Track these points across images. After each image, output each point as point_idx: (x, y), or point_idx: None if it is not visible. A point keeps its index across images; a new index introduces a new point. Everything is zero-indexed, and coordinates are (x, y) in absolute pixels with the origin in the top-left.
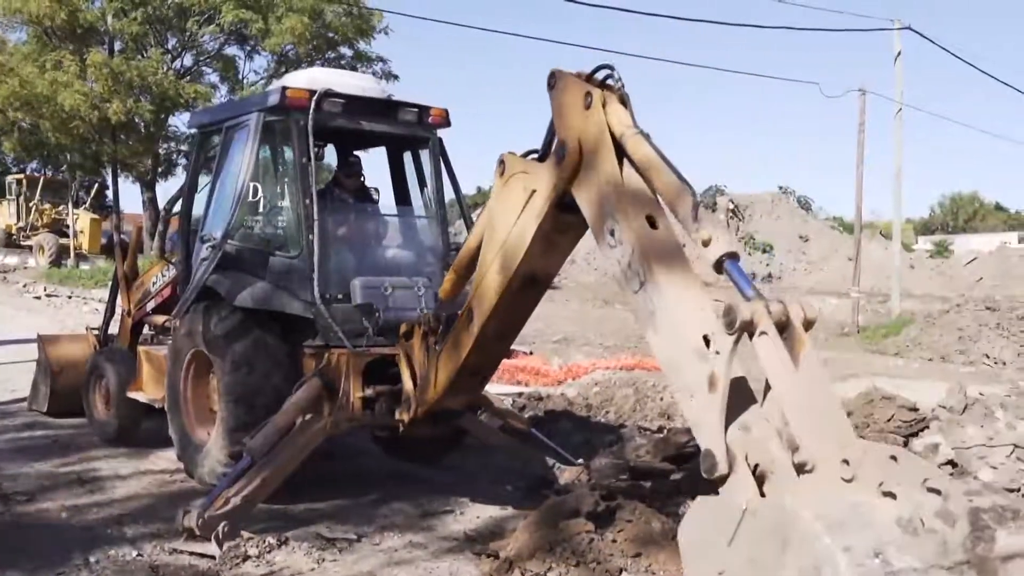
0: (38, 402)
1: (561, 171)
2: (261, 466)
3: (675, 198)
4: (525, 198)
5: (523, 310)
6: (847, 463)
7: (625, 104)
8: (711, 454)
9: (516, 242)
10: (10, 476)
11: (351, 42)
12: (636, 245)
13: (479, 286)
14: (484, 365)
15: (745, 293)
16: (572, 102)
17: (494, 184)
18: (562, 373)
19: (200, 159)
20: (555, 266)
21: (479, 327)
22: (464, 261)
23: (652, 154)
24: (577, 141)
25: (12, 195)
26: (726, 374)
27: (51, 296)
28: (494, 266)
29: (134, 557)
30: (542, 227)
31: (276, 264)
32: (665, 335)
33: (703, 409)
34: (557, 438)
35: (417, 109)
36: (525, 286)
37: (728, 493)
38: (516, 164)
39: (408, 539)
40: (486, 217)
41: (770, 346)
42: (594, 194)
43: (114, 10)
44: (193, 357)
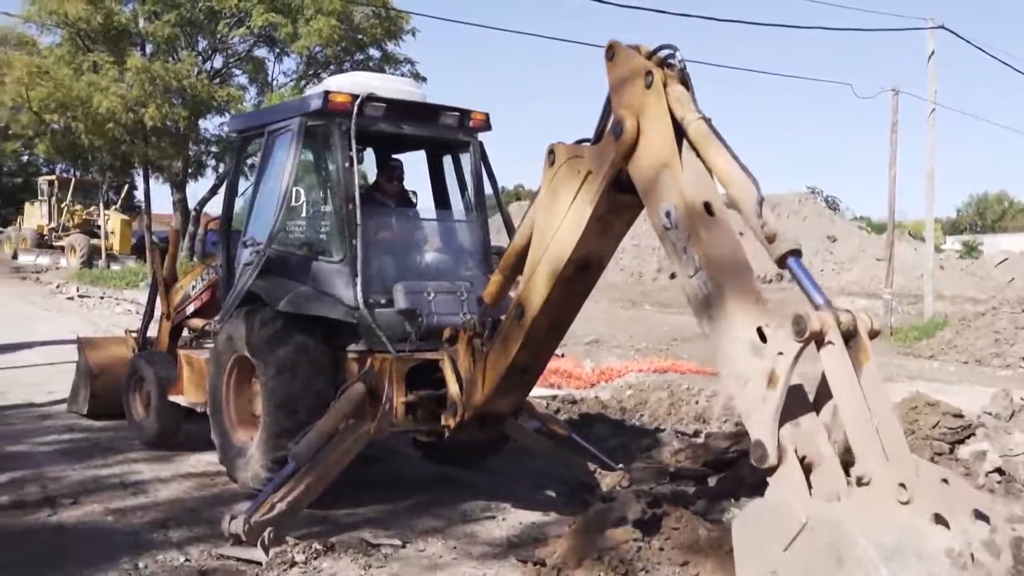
0: (78, 404)
1: (618, 148)
2: (305, 471)
3: (739, 190)
4: (579, 182)
5: (575, 300)
6: (904, 487)
7: (687, 85)
8: (762, 445)
9: (570, 228)
10: (54, 478)
11: (379, 44)
12: (692, 231)
13: (529, 280)
14: (534, 362)
15: (814, 300)
16: (631, 79)
17: (543, 175)
18: (595, 376)
19: (240, 163)
20: (609, 250)
21: (530, 321)
22: (510, 262)
23: (715, 141)
24: (635, 119)
25: (44, 196)
26: (787, 377)
27: (83, 297)
28: (546, 257)
29: (182, 562)
30: (598, 208)
31: (319, 269)
32: (718, 323)
33: (758, 402)
34: (593, 442)
35: (458, 113)
36: (578, 273)
37: (777, 484)
38: (567, 151)
39: (451, 545)
40: (534, 211)
41: (836, 357)
42: (651, 175)
43: (146, 13)
44: (235, 362)
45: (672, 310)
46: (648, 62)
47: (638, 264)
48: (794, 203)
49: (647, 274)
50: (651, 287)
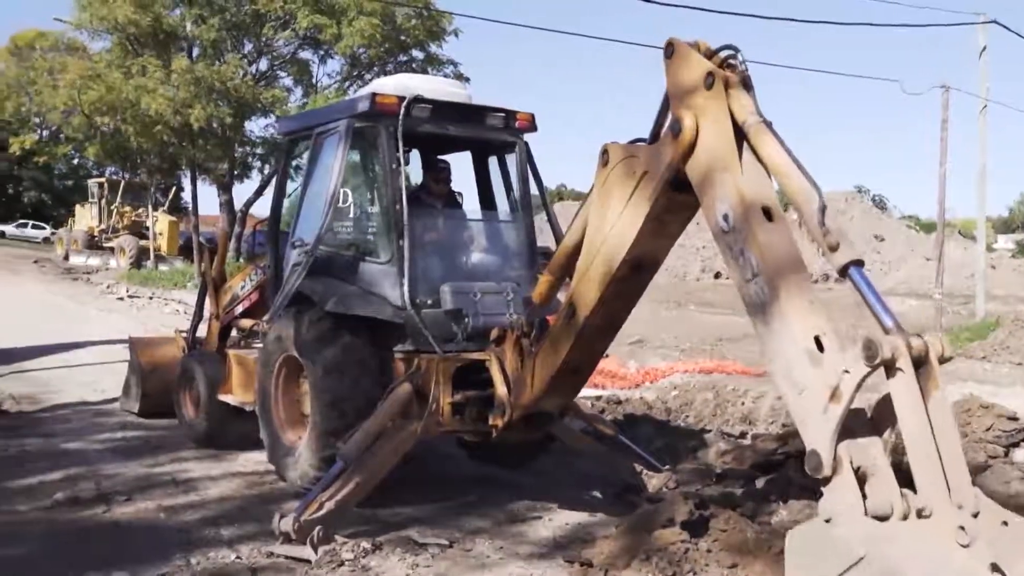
0: (129, 403)
1: (676, 148)
2: (353, 471)
3: (801, 198)
4: (634, 182)
5: (628, 300)
6: (963, 530)
7: (748, 87)
8: (817, 455)
9: (625, 228)
10: (108, 476)
11: (422, 45)
12: (750, 235)
13: (581, 280)
14: (584, 363)
15: (884, 323)
16: (691, 79)
17: (596, 176)
18: (639, 376)
19: (288, 165)
20: (663, 250)
21: (582, 321)
22: (560, 262)
23: (777, 147)
24: (694, 119)
25: (94, 198)
26: (851, 398)
27: (133, 297)
28: (599, 256)
29: (233, 560)
30: (654, 208)
31: (366, 269)
32: (775, 329)
33: (816, 413)
34: (638, 443)
35: (504, 114)
36: (632, 273)
37: (831, 495)
38: (622, 151)
39: (498, 544)
40: (586, 212)
41: (905, 385)
42: (709, 176)
43: (193, 16)
44: (284, 361)
45: (717, 310)
46: (709, 63)
47: (682, 264)
48: (840, 202)
49: (691, 274)
50: (695, 287)
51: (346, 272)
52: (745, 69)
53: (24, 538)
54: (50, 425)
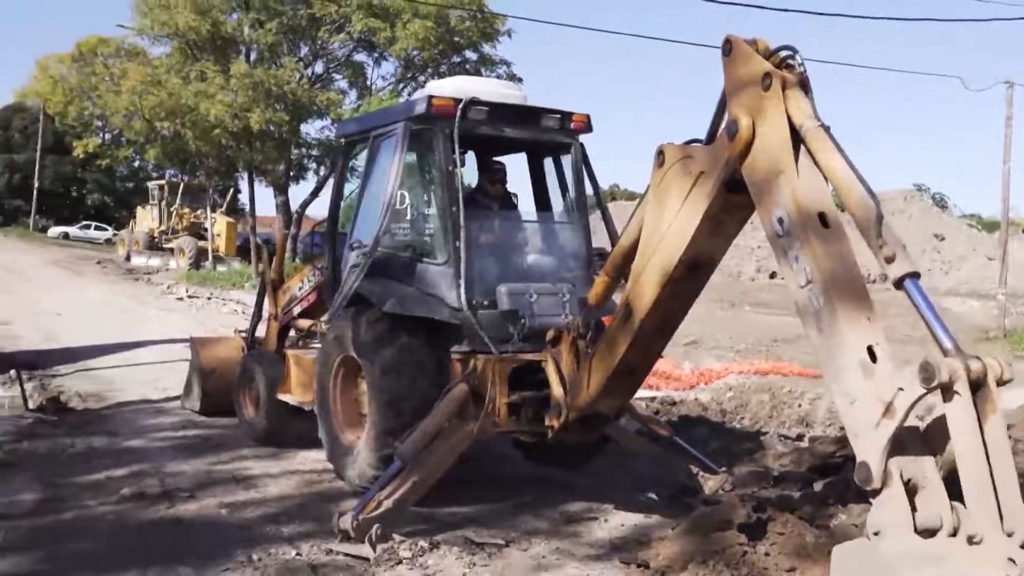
0: (191, 401)
1: (732, 149)
2: (411, 470)
3: (858, 207)
4: (690, 182)
5: (684, 301)
6: (1013, 561)
7: (806, 89)
8: (867, 467)
9: (681, 228)
10: (171, 473)
11: (475, 46)
12: (805, 241)
13: (637, 281)
14: (640, 363)
15: (943, 344)
16: (748, 79)
17: (651, 177)
18: (694, 377)
19: (346, 167)
20: (720, 251)
21: (638, 322)
22: (616, 263)
23: (835, 153)
24: (750, 120)
25: (155, 200)
26: (906, 415)
27: (192, 297)
28: (656, 257)
29: (293, 556)
30: (710, 208)
31: (423, 271)
32: (828, 337)
33: (868, 425)
34: (693, 444)
35: (559, 115)
36: (689, 273)
37: (880, 507)
38: (678, 151)
39: (554, 545)
40: (642, 212)
41: (961, 409)
42: (765, 179)
43: (251, 21)
44: (342, 362)
45: (772, 311)
46: (767, 63)
47: (736, 264)
48: (899, 201)
49: (746, 274)
50: (750, 287)
51: (403, 273)
52: (803, 70)
53: (93, 532)
54: (114, 423)
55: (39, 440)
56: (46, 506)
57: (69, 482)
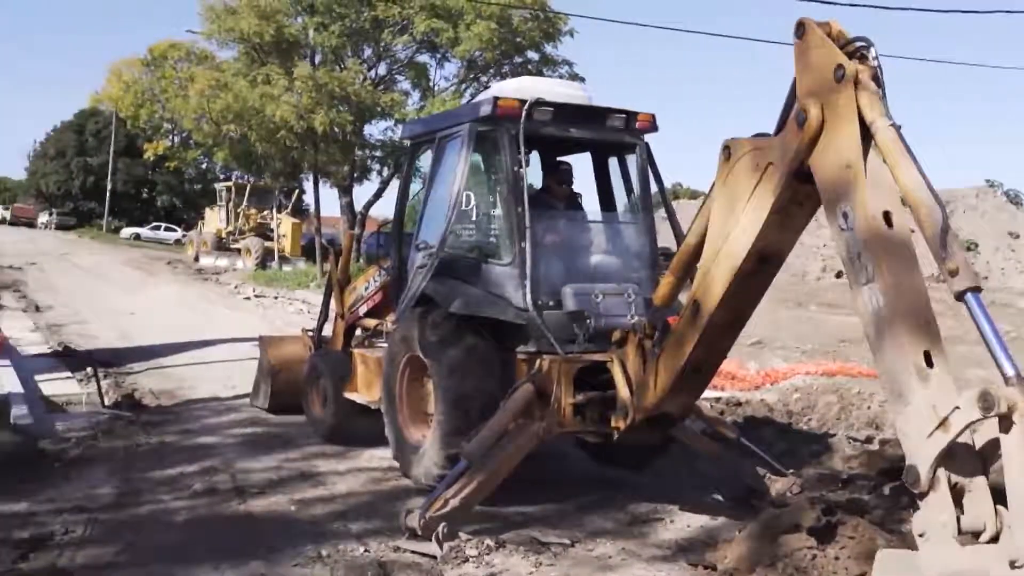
0: (259, 399)
1: (801, 138)
2: (477, 470)
3: (924, 214)
4: (758, 175)
5: (753, 295)
6: None
7: (879, 84)
8: (916, 470)
9: (749, 220)
10: (242, 469)
11: (537, 46)
12: (868, 239)
13: (705, 276)
14: (708, 361)
15: (1004, 371)
16: (820, 67)
17: (718, 172)
18: (759, 377)
19: (412, 168)
20: (788, 243)
21: (707, 318)
22: (683, 261)
23: (904, 154)
24: (820, 110)
25: (222, 202)
26: (958, 434)
27: (259, 297)
28: (724, 251)
29: (361, 553)
30: (779, 199)
31: (489, 271)
32: (886, 339)
33: (919, 432)
34: (759, 446)
35: (624, 115)
36: (757, 267)
37: (926, 509)
38: (744, 145)
39: (620, 546)
40: (708, 209)
41: (1017, 441)
42: (832, 172)
43: (315, 24)
44: (408, 361)
45: (839, 311)
46: (840, 53)
47: (802, 263)
48: (971, 197)
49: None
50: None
51: (469, 274)
52: (877, 64)
53: (168, 526)
54: (186, 419)
55: (115, 436)
56: (123, 500)
57: (144, 477)
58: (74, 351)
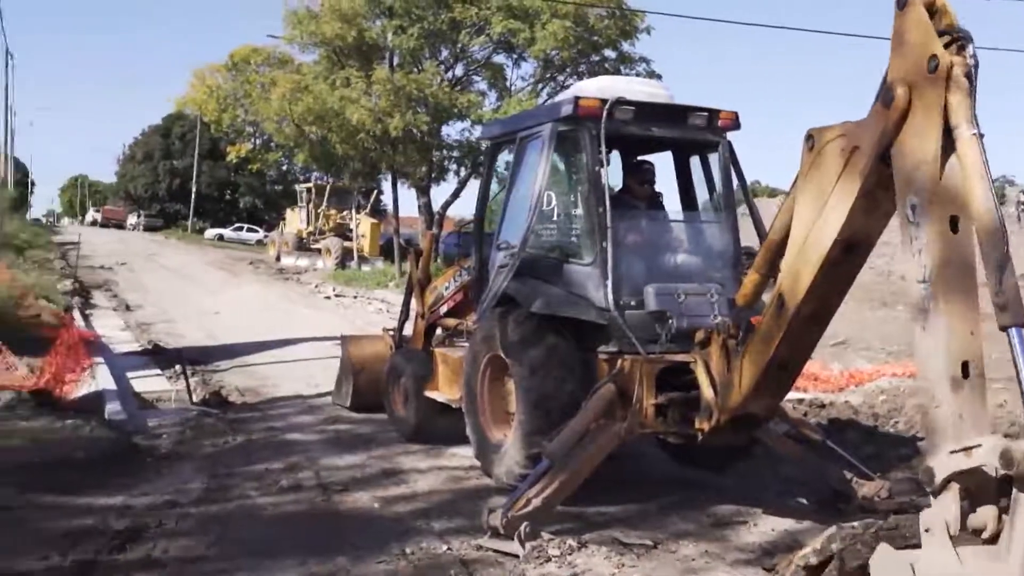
0: (341, 397)
1: (888, 117)
2: (559, 469)
3: (987, 240)
4: (843, 160)
5: (840, 286)
6: None
7: (970, 82)
8: (931, 472)
9: (836, 207)
10: (325, 466)
11: (614, 44)
12: (930, 241)
13: (791, 269)
14: (793, 358)
15: None
16: (915, 51)
17: (801, 163)
18: (843, 379)
19: (492, 169)
20: (876, 230)
21: (792, 311)
22: (767, 258)
23: (981, 169)
24: (907, 93)
25: (303, 202)
26: (981, 463)
27: (339, 296)
28: (810, 241)
29: (444, 551)
30: (866, 183)
31: (570, 271)
32: (930, 340)
33: (942, 441)
34: (844, 448)
35: (707, 113)
36: (844, 255)
37: (935, 507)
38: (828, 133)
39: (703, 548)
40: (791, 201)
41: None
42: (908, 160)
43: (394, 27)
44: (490, 361)
45: None
46: (938, 42)
47: (886, 263)
48: None
49: (896, 272)
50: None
51: (550, 274)
52: (974, 62)
53: (255, 521)
54: (271, 417)
55: (203, 432)
56: (211, 495)
57: (231, 472)
58: (164, 349)
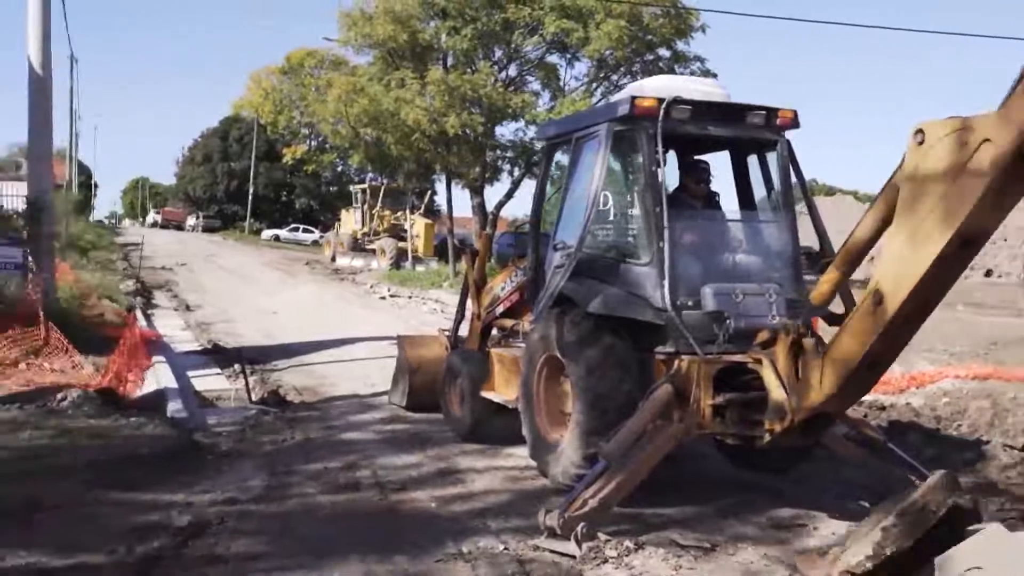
0: (397, 397)
1: None
2: (616, 470)
3: None
4: (966, 155)
5: (947, 280)
6: None
7: None
8: None
9: (955, 203)
10: (383, 465)
11: (669, 43)
12: None
13: (891, 266)
14: (885, 355)
15: None
16: None
17: (908, 158)
18: (904, 380)
19: (548, 169)
20: (994, 224)
21: (894, 309)
22: (850, 256)
23: None
24: None
25: (357, 203)
26: None
27: (393, 296)
28: (920, 237)
29: (501, 550)
30: (996, 178)
31: (627, 271)
32: None
33: None
34: (906, 451)
35: (765, 112)
36: (960, 249)
37: None
38: (945, 126)
39: (763, 552)
40: (886, 199)
41: None
42: None
43: (447, 28)
44: (546, 361)
45: (989, 311)
46: None
47: None
48: None
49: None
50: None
51: (607, 274)
52: None
53: (315, 519)
54: (328, 415)
55: (262, 430)
56: (271, 493)
57: (290, 470)
58: (223, 348)
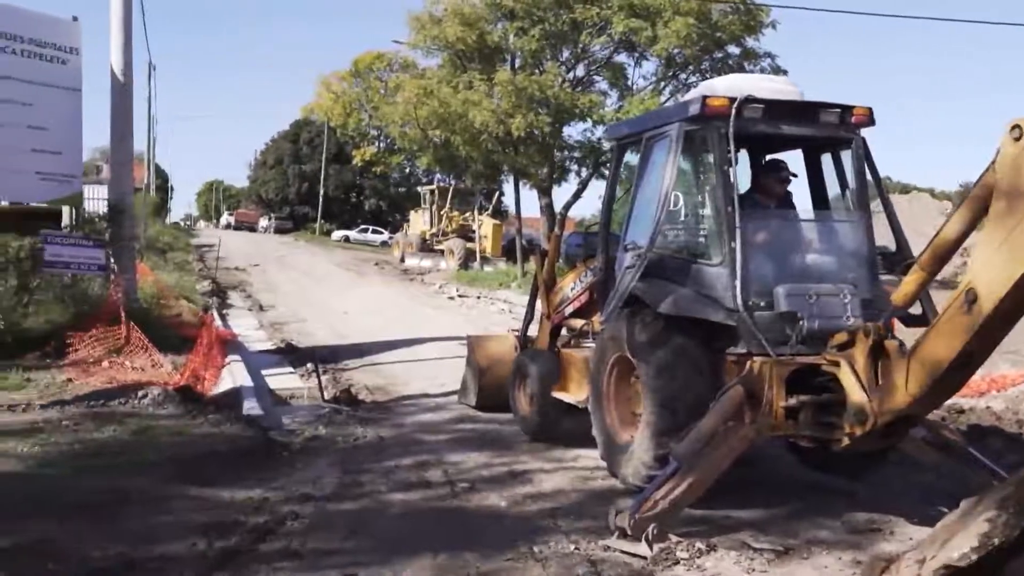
0: (467, 397)
1: None
2: (687, 471)
3: None
4: None
5: None
6: None
7: None
8: None
9: None
10: (453, 464)
11: (738, 40)
12: None
13: (990, 265)
14: (978, 355)
15: None
16: None
17: (1004, 155)
18: (984, 383)
19: (618, 170)
20: None
21: (990, 308)
22: (937, 255)
23: None
24: None
25: (426, 204)
26: None
27: (462, 296)
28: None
29: (571, 550)
30: None
31: (698, 271)
32: None
33: None
34: (986, 456)
35: (839, 109)
36: None
37: None
38: None
39: (838, 556)
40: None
41: None
42: None
43: (515, 29)
44: (617, 361)
45: None
46: None
47: None
48: None
49: None
50: None
51: (677, 274)
52: None
53: (387, 516)
54: (399, 415)
55: (335, 428)
56: (344, 490)
57: (362, 468)
58: (296, 348)
